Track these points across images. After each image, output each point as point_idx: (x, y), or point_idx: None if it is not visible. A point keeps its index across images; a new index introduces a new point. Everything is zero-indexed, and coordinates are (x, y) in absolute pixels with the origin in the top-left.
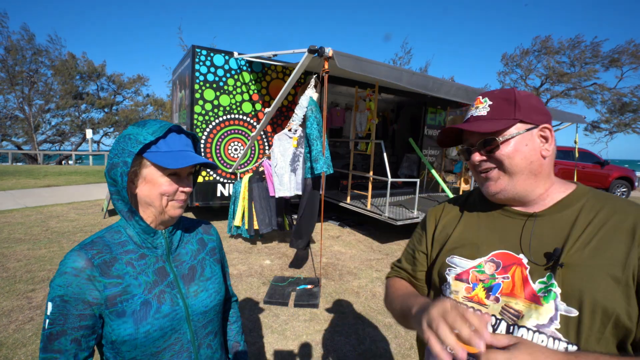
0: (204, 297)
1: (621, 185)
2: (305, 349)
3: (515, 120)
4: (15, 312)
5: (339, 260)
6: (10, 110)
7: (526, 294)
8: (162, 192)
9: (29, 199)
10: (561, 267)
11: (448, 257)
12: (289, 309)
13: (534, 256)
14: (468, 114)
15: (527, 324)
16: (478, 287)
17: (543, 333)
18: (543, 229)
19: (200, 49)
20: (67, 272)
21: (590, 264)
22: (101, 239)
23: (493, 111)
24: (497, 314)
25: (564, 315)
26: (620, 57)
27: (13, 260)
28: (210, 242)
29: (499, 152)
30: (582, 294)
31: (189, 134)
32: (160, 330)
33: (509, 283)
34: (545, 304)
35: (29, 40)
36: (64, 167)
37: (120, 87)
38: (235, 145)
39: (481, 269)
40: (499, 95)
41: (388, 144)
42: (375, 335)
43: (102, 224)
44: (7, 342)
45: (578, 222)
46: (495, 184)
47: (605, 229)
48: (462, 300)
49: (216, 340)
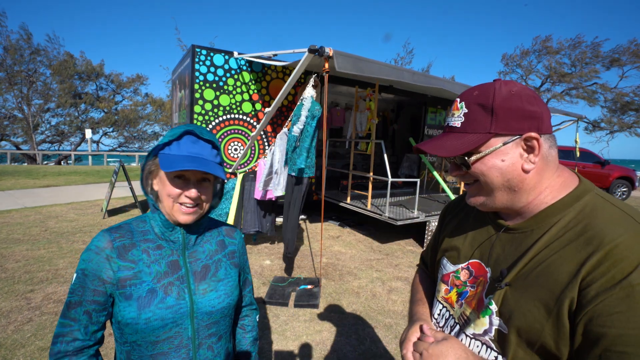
0: (212, 297)
1: (622, 185)
2: (305, 350)
3: (489, 135)
4: (14, 313)
5: (339, 261)
6: (9, 110)
7: (477, 306)
8: (167, 193)
9: (28, 199)
10: (501, 288)
11: (441, 257)
12: (289, 309)
13: (494, 272)
14: (446, 120)
15: (467, 331)
16: (453, 290)
17: (479, 340)
18: (511, 245)
19: (200, 49)
20: (92, 249)
21: (529, 289)
22: (128, 225)
23: (467, 122)
24: (456, 318)
25: (498, 330)
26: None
27: (12, 260)
28: (231, 245)
29: (472, 170)
30: (512, 315)
31: (209, 141)
32: (161, 320)
33: (473, 292)
34: (482, 317)
35: (27, 39)
36: (63, 167)
37: (120, 87)
38: (235, 145)
39: (458, 275)
40: (476, 99)
41: (388, 143)
42: (376, 335)
43: (101, 224)
44: (6, 343)
45: (540, 241)
46: (474, 198)
47: (560, 254)
48: (440, 299)
49: (220, 344)
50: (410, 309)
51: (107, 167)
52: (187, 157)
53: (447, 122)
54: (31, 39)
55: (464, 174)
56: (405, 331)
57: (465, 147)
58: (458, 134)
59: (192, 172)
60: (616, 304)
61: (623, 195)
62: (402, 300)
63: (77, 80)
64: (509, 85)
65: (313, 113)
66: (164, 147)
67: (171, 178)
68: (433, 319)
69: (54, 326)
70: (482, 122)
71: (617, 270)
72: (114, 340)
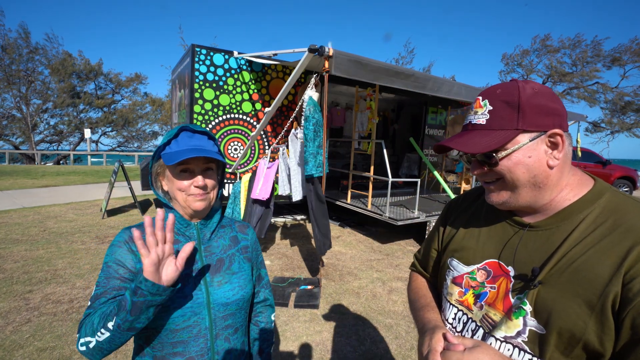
0: (227, 288)
1: (623, 185)
2: (305, 350)
3: (517, 131)
4: (12, 314)
5: (339, 261)
6: (7, 109)
7: (504, 307)
8: (177, 188)
9: (27, 199)
10: (535, 287)
11: (449, 258)
12: (289, 310)
13: (519, 270)
14: (467, 118)
15: (497, 334)
16: (469, 292)
17: (510, 343)
18: (535, 242)
19: (200, 48)
20: (115, 244)
21: (567, 286)
22: None
23: (492, 119)
24: (477, 321)
25: (533, 331)
26: (623, 56)
27: (10, 261)
28: (244, 241)
29: (498, 167)
30: (551, 315)
31: (204, 132)
32: (180, 309)
33: (494, 293)
34: (515, 319)
35: (25, 38)
36: (62, 167)
37: (118, 86)
38: (235, 145)
39: (473, 275)
40: (501, 96)
41: (389, 143)
42: (376, 335)
43: (100, 224)
44: (4, 344)
45: (571, 237)
46: (497, 195)
47: (595, 249)
48: (454, 302)
49: (236, 336)
50: (418, 316)
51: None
52: (186, 150)
53: (469, 119)
54: (29, 37)
55: (487, 172)
56: (426, 341)
57: (494, 143)
58: (484, 131)
59: (195, 164)
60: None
61: None
62: (402, 301)
63: (75, 79)
64: (530, 83)
65: (312, 115)
66: (165, 147)
67: (177, 173)
68: (447, 323)
69: (53, 327)
70: (509, 119)
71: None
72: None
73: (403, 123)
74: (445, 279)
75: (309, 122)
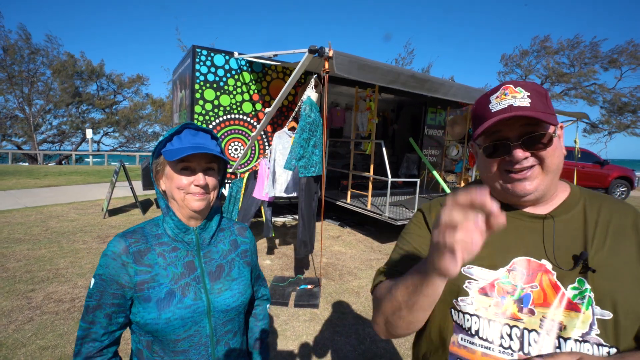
0: (227, 295)
1: (621, 184)
2: (305, 349)
3: (554, 116)
4: (15, 312)
5: (339, 261)
6: (10, 110)
7: (562, 302)
8: (177, 186)
9: (29, 199)
10: (594, 272)
11: (464, 267)
12: (289, 309)
13: (559, 261)
14: (501, 103)
15: (573, 334)
16: (507, 300)
17: (587, 341)
18: (558, 231)
19: (201, 49)
20: (108, 254)
21: (613, 265)
22: (142, 229)
23: (534, 103)
24: (537, 328)
25: (600, 319)
26: (619, 58)
27: (13, 260)
28: (243, 245)
29: (548, 149)
30: (614, 295)
31: (207, 131)
32: (181, 319)
33: (539, 292)
34: (585, 310)
35: (26, 39)
36: (64, 167)
37: (120, 87)
38: (236, 145)
39: (506, 279)
40: (532, 86)
41: (388, 143)
42: (375, 335)
43: (102, 224)
44: (7, 342)
45: (588, 222)
46: (531, 183)
47: (612, 228)
48: (493, 317)
49: (235, 339)
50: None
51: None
52: (190, 147)
53: (508, 103)
54: (30, 39)
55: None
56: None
57: (553, 120)
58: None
59: (197, 162)
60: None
61: (622, 195)
62: None
63: (77, 80)
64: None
65: (308, 114)
66: (166, 143)
67: (178, 171)
68: (494, 347)
69: (55, 325)
70: (546, 106)
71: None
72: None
73: (402, 123)
74: (466, 292)
75: (303, 120)
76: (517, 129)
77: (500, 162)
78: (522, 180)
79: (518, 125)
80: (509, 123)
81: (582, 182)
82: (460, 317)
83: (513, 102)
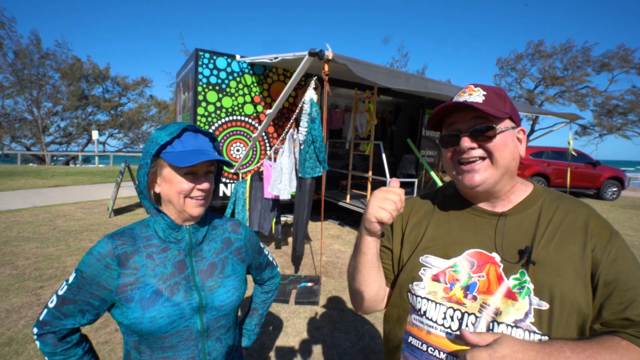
0: (221, 292)
1: (612, 185)
2: (305, 345)
3: (507, 115)
4: (24, 309)
5: (339, 259)
6: (20, 112)
7: (502, 291)
8: (178, 191)
9: (37, 199)
10: (534, 265)
11: (422, 256)
12: (289, 307)
13: (506, 254)
14: (457, 99)
15: (506, 319)
16: (455, 286)
17: (520, 327)
18: (511, 228)
19: (204, 52)
20: (93, 254)
21: (556, 260)
22: (131, 230)
23: (487, 101)
24: (476, 312)
25: (536, 309)
26: (611, 61)
27: (22, 258)
28: (237, 242)
29: (492, 142)
30: (552, 288)
31: (207, 134)
32: (167, 317)
33: (484, 281)
34: (521, 299)
35: (37, 44)
36: (71, 168)
37: (125, 90)
38: (238, 146)
39: (456, 268)
40: (491, 88)
41: (387, 144)
42: (374, 331)
43: (107, 223)
44: (17, 337)
45: (541, 221)
46: (480, 175)
47: (563, 227)
48: (440, 300)
49: (227, 334)
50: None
51: (113, 167)
52: (194, 152)
53: (463, 99)
54: (40, 43)
55: (477, 147)
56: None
57: (499, 114)
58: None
59: (199, 166)
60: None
61: (614, 195)
62: None
63: (84, 83)
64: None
65: (312, 116)
66: (166, 146)
67: (181, 174)
68: (437, 326)
69: None
70: (501, 105)
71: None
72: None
73: (400, 125)
74: (421, 278)
75: (311, 122)
76: (468, 122)
77: (453, 153)
78: (471, 171)
79: (469, 117)
80: (462, 115)
81: (575, 182)
82: (414, 299)
83: (468, 98)
